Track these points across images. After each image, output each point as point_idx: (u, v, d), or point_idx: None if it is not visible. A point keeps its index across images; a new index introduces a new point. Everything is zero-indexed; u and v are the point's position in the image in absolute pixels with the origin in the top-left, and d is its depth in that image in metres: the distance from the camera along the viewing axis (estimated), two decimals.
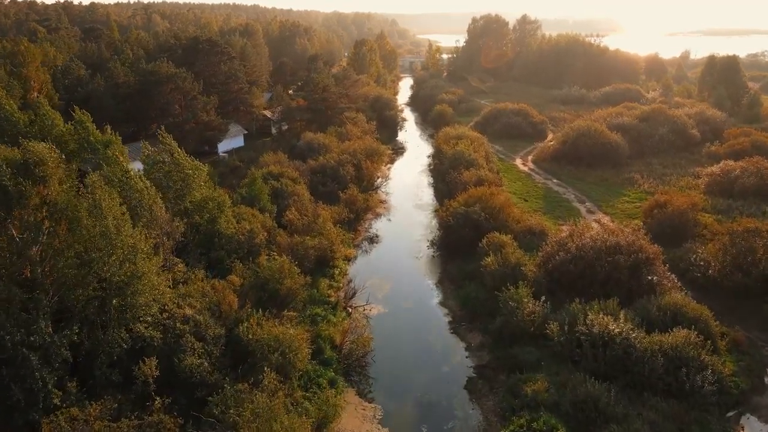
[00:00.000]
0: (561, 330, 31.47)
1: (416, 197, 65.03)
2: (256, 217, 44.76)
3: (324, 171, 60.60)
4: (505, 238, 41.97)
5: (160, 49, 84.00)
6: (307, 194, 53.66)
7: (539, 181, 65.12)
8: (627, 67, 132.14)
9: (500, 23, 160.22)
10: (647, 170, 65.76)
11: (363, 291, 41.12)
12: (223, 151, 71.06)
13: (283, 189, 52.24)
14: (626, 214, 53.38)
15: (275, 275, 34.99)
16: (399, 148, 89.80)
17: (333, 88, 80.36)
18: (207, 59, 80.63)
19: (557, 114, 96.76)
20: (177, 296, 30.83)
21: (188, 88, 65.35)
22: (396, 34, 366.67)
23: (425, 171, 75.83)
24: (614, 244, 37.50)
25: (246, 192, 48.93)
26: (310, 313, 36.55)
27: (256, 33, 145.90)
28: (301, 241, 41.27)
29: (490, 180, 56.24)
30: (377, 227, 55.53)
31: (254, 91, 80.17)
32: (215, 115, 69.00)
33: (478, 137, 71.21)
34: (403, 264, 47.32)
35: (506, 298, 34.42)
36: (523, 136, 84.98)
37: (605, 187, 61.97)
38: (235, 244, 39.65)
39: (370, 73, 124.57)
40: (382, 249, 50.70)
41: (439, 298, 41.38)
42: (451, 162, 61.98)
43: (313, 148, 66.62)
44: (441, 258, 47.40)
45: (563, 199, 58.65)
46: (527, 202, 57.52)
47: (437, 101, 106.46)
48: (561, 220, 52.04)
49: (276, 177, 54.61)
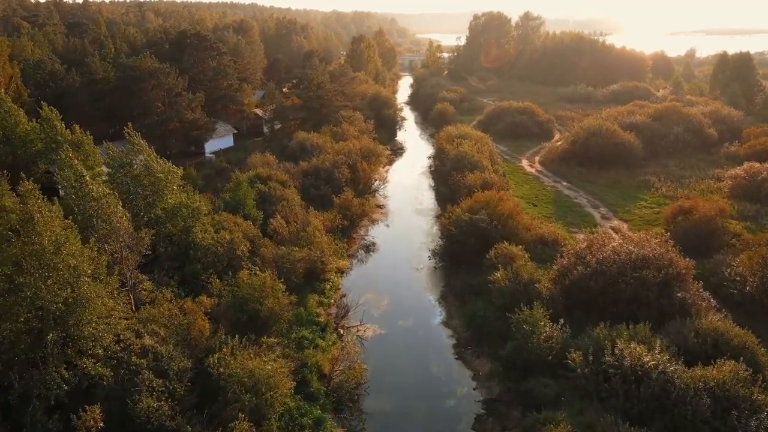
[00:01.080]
0: (584, 360, 27.11)
1: (416, 201, 60.70)
2: (240, 225, 40.43)
3: (317, 173, 56.28)
4: (516, 250, 37.62)
5: (147, 44, 79.62)
6: (297, 199, 49.35)
7: (548, 184, 60.78)
8: (634, 65, 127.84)
9: (502, 20, 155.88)
10: (663, 172, 61.45)
11: (357, 308, 36.83)
12: (210, 152, 66.74)
13: (270, 193, 47.95)
14: (645, 220, 49.03)
15: (255, 294, 30.63)
16: (398, 149, 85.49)
17: (328, 85, 76.02)
18: (195, 54, 76.33)
19: (564, 113, 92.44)
20: (138, 322, 26.47)
21: (172, 85, 61.00)
22: (395, 32, 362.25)
23: (426, 173, 71.50)
24: (640, 257, 33.12)
25: (230, 197, 44.58)
26: (295, 337, 32.24)
27: (251, 30, 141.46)
28: (287, 253, 36.91)
29: (496, 183, 51.89)
30: (374, 234, 51.19)
31: (245, 89, 75.84)
32: (202, 113, 64.64)
33: (482, 137, 66.89)
34: (401, 276, 42.98)
35: (519, 320, 30.05)
36: (529, 136, 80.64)
37: (619, 190, 57.62)
38: (213, 256, 35.31)
39: (368, 70, 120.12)
40: (378, 259, 46.36)
41: (442, 317, 37.04)
42: (453, 163, 57.66)
43: (306, 149, 62.29)
44: (443, 270, 43.06)
45: (575, 203, 54.31)
46: (536, 207, 53.19)
47: (438, 99, 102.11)
48: (574, 228, 47.75)
49: (264, 180, 50.30)
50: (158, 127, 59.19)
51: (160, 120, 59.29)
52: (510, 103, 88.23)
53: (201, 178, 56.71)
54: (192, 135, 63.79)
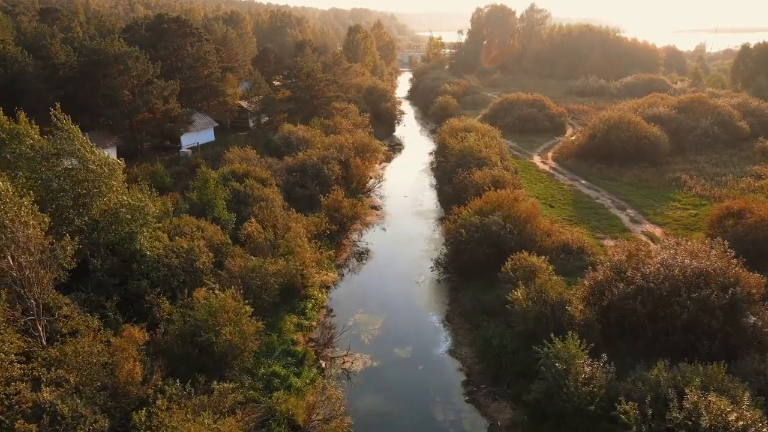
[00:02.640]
0: (640, 414, 20.29)
1: (416, 202, 53.89)
2: (205, 230, 33.61)
3: (303, 170, 49.46)
4: (538, 261, 30.81)
5: (122, 30, 72.75)
6: (279, 199, 42.55)
7: (564, 182, 53.95)
8: (645, 58, 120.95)
9: (506, 12, 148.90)
10: (693, 169, 54.67)
11: (344, 333, 30.04)
12: (186, 146, 59.87)
13: (247, 193, 41.13)
14: (682, 224, 42.24)
15: (210, 321, 23.84)
16: (396, 145, 78.66)
17: (320, 74, 69.14)
18: (173, 41, 69.57)
19: (576, 106, 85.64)
20: (42, 364, 19.66)
21: (141, 71, 54.14)
22: (395, 29, 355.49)
23: (426, 170, 64.75)
24: (697, 272, 26.36)
25: (196, 197, 37.76)
26: (264, 373, 25.45)
27: (243, 22, 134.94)
28: (258, 266, 30.06)
29: (508, 181, 45.10)
30: (367, 240, 44.41)
31: (228, 78, 68.97)
32: (176, 103, 57.79)
33: (490, 130, 60.06)
34: (399, 291, 36.17)
35: (549, 355, 23.26)
36: (539, 131, 73.80)
37: (646, 189, 50.81)
38: (165, 270, 28.47)
39: (364, 62, 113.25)
40: (372, 270, 39.58)
41: (448, 344, 30.24)
42: (458, 159, 50.88)
43: (292, 143, 55.45)
44: (449, 283, 36.27)
45: (597, 204, 47.49)
46: (553, 209, 46.38)
47: (440, 92, 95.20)
48: (600, 233, 40.98)
49: (240, 178, 43.48)
50: (125, 118, 52.38)
51: (127, 110, 52.42)
52: (518, 95, 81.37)
53: (171, 175, 49.97)
54: (165, 128, 56.90)
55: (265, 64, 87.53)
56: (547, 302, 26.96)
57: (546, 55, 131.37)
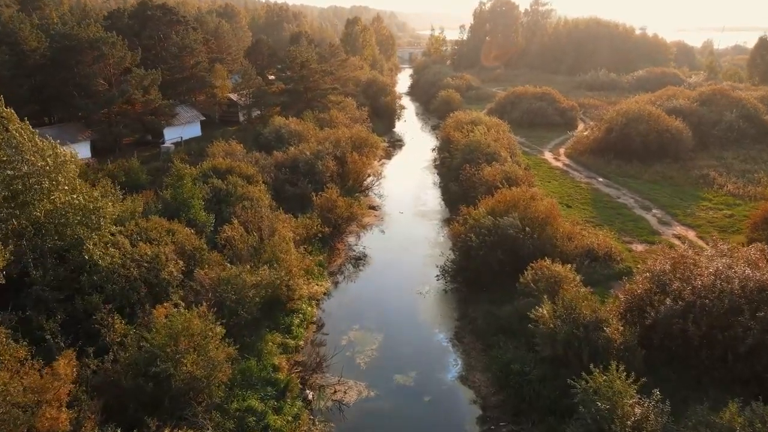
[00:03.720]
0: None
1: (419, 201, 49.37)
2: (178, 234, 29.08)
3: (294, 166, 45.00)
4: (565, 271, 26.25)
5: (104, 17, 68.22)
6: (266, 198, 38.06)
7: (581, 180, 49.40)
8: (655, 52, 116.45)
9: (510, 6, 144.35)
10: (720, 166, 50.20)
11: (335, 356, 25.52)
12: (170, 141, 55.34)
13: (229, 191, 36.60)
14: (716, 226, 37.65)
15: (168, 347, 19.32)
16: (397, 141, 74.21)
17: (315, 64, 64.58)
18: (158, 28, 65.09)
19: (586, 100, 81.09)
20: None
21: (118, 58, 49.59)
22: (395, 26, 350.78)
23: (429, 168, 60.24)
24: (761, 285, 21.85)
25: (170, 196, 33.19)
26: (237, 409, 20.89)
27: (238, 15, 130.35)
28: (234, 276, 25.51)
29: (520, 178, 40.61)
30: (365, 244, 39.88)
31: (217, 69, 64.40)
32: (158, 94, 53.24)
33: (498, 123, 55.57)
34: (400, 304, 31.63)
35: (588, 391, 18.73)
36: (549, 125, 69.28)
37: (671, 187, 46.27)
38: (123, 282, 23.91)
39: (363, 56, 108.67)
40: (370, 278, 35.04)
41: (459, 368, 25.70)
42: (465, 154, 46.40)
43: (283, 137, 50.93)
44: (457, 294, 31.73)
45: (619, 204, 42.93)
46: (571, 209, 41.84)
47: (442, 87, 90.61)
48: (626, 236, 36.43)
49: (222, 174, 38.95)
50: (99, 109, 47.84)
51: (102, 101, 47.87)
52: (526, 88, 76.81)
53: (149, 172, 45.46)
54: (146, 121, 52.35)
55: (258, 57, 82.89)
56: (579, 322, 22.40)
57: (551, 49, 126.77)
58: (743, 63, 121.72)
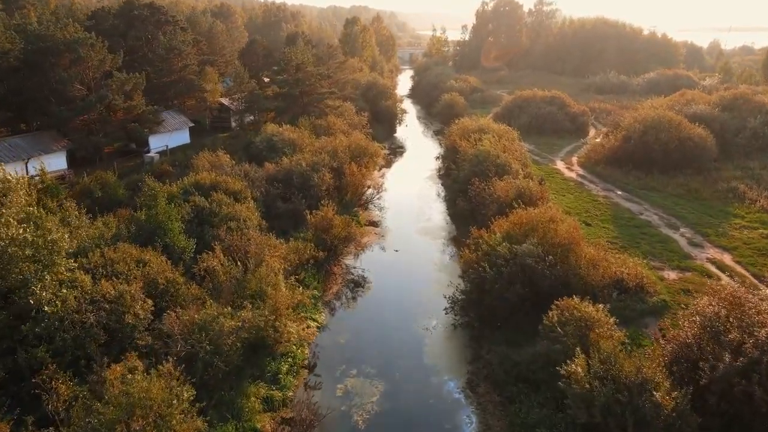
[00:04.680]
0: None
1: (422, 216, 45.66)
2: (151, 265, 25.37)
3: (288, 179, 41.25)
4: (597, 313, 22.46)
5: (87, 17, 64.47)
6: (255, 217, 34.35)
7: (598, 193, 45.66)
8: (665, 53, 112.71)
9: (513, 6, 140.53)
10: (747, 177, 46.51)
11: (328, 415, 21.76)
12: (155, 150, 51.60)
13: (213, 210, 32.85)
14: (754, 249, 33.89)
15: (116, 425, 15.59)
16: (398, 148, 70.51)
17: (311, 67, 60.84)
18: (145, 29, 61.38)
19: (597, 104, 77.30)
20: None
21: (97, 61, 45.84)
22: (395, 26, 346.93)
23: (433, 177, 56.55)
24: None
25: (144, 219, 29.43)
26: None
27: (233, 15, 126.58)
28: (210, 321, 21.76)
29: (535, 194, 36.88)
30: (364, 267, 36.16)
31: (207, 72, 60.64)
32: (142, 99, 49.52)
33: (507, 131, 51.81)
34: (404, 343, 27.87)
35: None
36: (559, 132, 65.57)
37: (698, 202, 42.54)
38: (77, 330, 20.19)
39: (362, 57, 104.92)
40: (369, 310, 31.28)
41: (474, 428, 21.92)
42: (472, 166, 42.67)
43: (276, 147, 47.20)
44: (469, 331, 27.96)
45: (642, 221, 39.16)
46: (590, 228, 38.08)
47: (445, 89, 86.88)
48: (654, 260, 32.67)
49: (206, 190, 35.20)
50: (75, 116, 44.11)
51: (79, 107, 44.14)
52: (534, 92, 73.00)
53: (129, 185, 41.70)
54: (128, 128, 48.59)
55: (253, 58, 79.18)
56: (620, 382, 18.67)
57: (556, 50, 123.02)
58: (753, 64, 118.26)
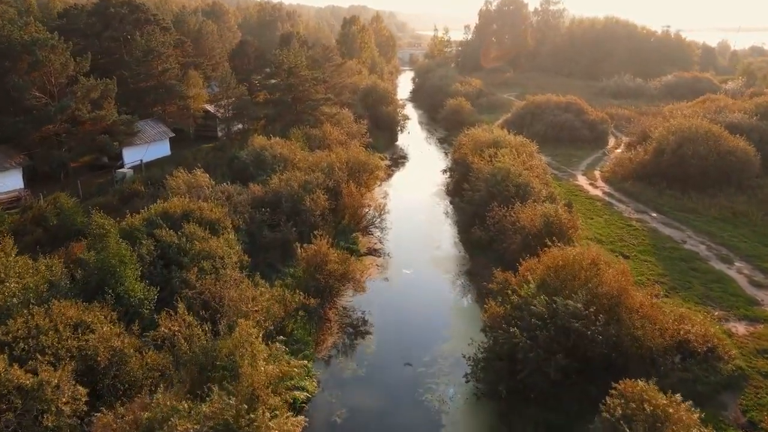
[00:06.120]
0: None
1: (431, 242, 40.10)
2: (95, 327, 19.86)
3: (276, 203, 35.68)
4: (674, 406, 16.90)
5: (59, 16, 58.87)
6: (235, 252, 28.86)
7: (630, 215, 40.12)
8: (679, 54, 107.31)
9: (518, 5, 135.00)
10: None
11: None
12: (129, 164, 45.99)
13: (182, 247, 27.26)
14: None
15: None
16: (400, 158, 64.99)
17: (304, 71, 55.22)
18: (122, 29, 55.80)
19: (615, 110, 71.71)
20: None
21: (59, 65, 40.23)
22: (394, 26, 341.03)
23: (440, 193, 51.02)
24: None
25: (93, 262, 23.81)
26: None
27: (225, 15, 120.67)
28: (160, 420, 16.16)
29: (564, 223, 31.32)
30: (364, 309, 30.64)
31: (191, 77, 55.01)
32: (114, 107, 43.94)
33: (524, 143, 46.21)
34: (414, 420, 22.28)
35: None
36: (576, 141, 60.02)
37: (748, 228, 37.02)
38: None
39: (361, 58, 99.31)
40: (371, 372, 25.69)
41: None
42: (489, 185, 37.11)
43: (265, 162, 41.64)
44: (494, 405, 22.38)
45: (688, 253, 33.52)
46: (629, 261, 32.52)
47: (450, 94, 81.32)
48: (714, 304, 27.16)
49: (177, 221, 29.58)
50: (34, 128, 38.50)
51: (37, 118, 38.52)
52: (548, 97, 67.36)
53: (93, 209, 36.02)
54: (98, 140, 42.97)
55: (244, 60, 73.44)
56: None
57: (564, 51, 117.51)
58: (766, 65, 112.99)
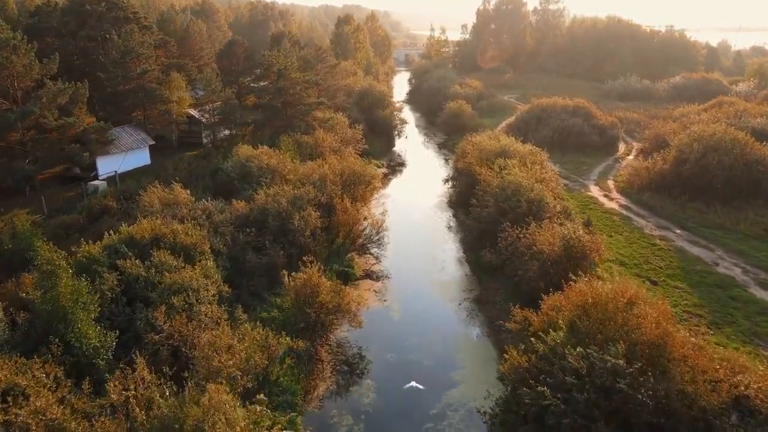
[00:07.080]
0: None
1: (434, 264, 36.38)
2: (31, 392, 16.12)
3: (262, 221, 31.90)
4: None
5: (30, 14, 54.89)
6: (213, 283, 25.05)
7: (652, 231, 36.59)
8: (683, 54, 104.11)
9: (517, 4, 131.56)
10: None
11: None
12: (104, 175, 42.11)
13: (151, 280, 23.48)
14: None
15: None
16: (397, 165, 61.32)
17: (295, 73, 51.39)
18: (100, 27, 51.91)
19: (624, 114, 68.21)
20: None
21: (22, 68, 36.34)
22: (389, 26, 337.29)
23: (442, 205, 47.39)
24: None
25: (39, 303, 20.00)
26: None
27: (215, 14, 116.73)
28: None
29: (587, 246, 27.67)
30: (361, 345, 26.94)
31: (173, 79, 51.08)
32: (85, 113, 40.09)
33: (534, 152, 42.59)
34: None
35: None
36: (585, 147, 56.50)
37: None
38: None
39: (356, 59, 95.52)
40: (369, 430, 21.96)
41: None
42: (499, 200, 33.45)
43: (251, 174, 37.84)
44: None
45: (723, 278, 29.98)
46: (658, 288, 28.99)
47: (449, 96, 77.69)
48: (764, 345, 23.61)
49: (145, 247, 25.77)
50: None
51: None
52: (554, 100, 63.80)
53: (56, 229, 32.22)
54: (68, 149, 39.10)
55: (232, 61, 69.57)
56: None
57: (566, 51, 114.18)
58: None
